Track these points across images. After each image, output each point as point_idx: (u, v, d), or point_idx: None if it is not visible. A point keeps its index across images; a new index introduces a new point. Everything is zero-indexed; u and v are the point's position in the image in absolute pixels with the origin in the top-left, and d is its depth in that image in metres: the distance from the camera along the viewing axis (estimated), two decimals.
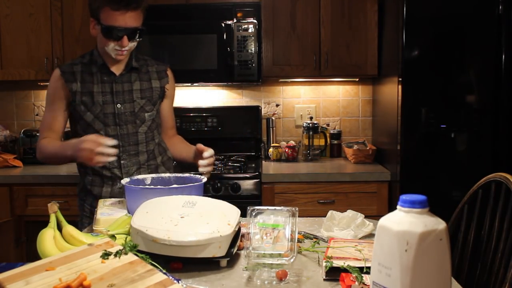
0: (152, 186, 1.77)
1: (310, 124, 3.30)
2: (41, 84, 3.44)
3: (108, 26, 1.93)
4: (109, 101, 2.05)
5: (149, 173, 2.07)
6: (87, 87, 2.05)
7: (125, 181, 1.76)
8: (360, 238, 1.57)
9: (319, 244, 1.53)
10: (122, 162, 2.04)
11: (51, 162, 2.22)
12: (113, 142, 1.80)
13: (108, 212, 1.68)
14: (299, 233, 1.54)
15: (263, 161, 3.26)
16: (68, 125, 2.14)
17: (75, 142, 1.87)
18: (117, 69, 2.08)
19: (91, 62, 2.08)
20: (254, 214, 1.40)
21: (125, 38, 1.95)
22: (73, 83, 2.04)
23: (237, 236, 1.42)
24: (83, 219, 2.11)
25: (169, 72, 2.20)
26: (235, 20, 3.01)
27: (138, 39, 2.01)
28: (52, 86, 2.09)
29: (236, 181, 2.83)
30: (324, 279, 1.27)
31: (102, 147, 1.76)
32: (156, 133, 2.17)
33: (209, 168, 1.96)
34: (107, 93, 2.05)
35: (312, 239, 1.59)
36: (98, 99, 2.04)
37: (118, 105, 2.05)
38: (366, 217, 1.69)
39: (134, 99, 2.08)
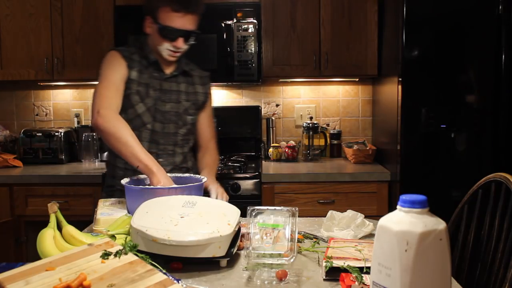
0: (152, 186, 1.77)
1: (310, 124, 3.30)
2: (41, 84, 3.45)
3: (165, 26, 1.94)
4: (159, 97, 2.05)
5: (181, 173, 2.04)
6: (143, 78, 2.03)
7: (125, 181, 1.76)
8: (360, 238, 1.57)
9: (319, 244, 1.53)
10: (159, 160, 1.98)
11: (114, 145, 1.90)
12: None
13: (108, 212, 1.68)
14: (299, 233, 1.54)
15: (263, 161, 3.26)
16: None
17: (159, 172, 1.78)
18: (167, 69, 2.09)
19: (142, 56, 2.06)
20: (254, 214, 1.40)
21: (181, 39, 1.96)
22: (132, 70, 2.02)
23: (237, 236, 1.42)
24: None
25: (209, 81, 2.23)
26: (235, 20, 3.01)
27: (192, 42, 2.02)
28: (114, 65, 1.99)
29: (236, 181, 2.83)
30: (324, 279, 1.27)
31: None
32: (192, 138, 2.17)
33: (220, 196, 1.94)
34: (157, 89, 2.05)
35: (312, 239, 1.59)
36: (151, 93, 2.04)
37: (165, 103, 2.05)
38: (366, 217, 1.69)
39: (180, 100, 2.09)
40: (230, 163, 3.04)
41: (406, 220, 0.90)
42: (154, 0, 1.96)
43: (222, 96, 3.47)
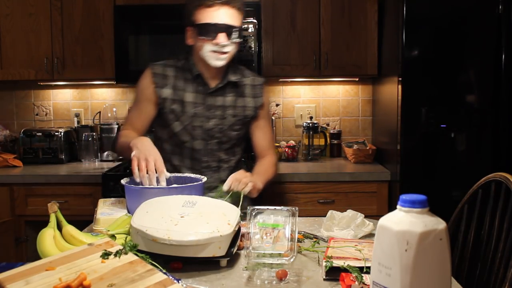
0: (152, 186, 1.77)
1: (310, 124, 3.30)
2: (41, 84, 3.45)
3: (202, 24, 1.85)
4: (200, 113, 1.96)
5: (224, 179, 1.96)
6: (179, 94, 1.95)
7: (124, 180, 1.76)
8: (360, 238, 1.57)
9: (319, 244, 1.53)
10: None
11: (121, 154, 2.02)
12: (163, 178, 1.67)
13: (108, 212, 1.68)
14: (299, 233, 1.54)
15: None
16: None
17: (139, 144, 1.70)
18: (212, 81, 1.97)
19: (186, 69, 1.98)
20: (254, 214, 1.39)
21: (221, 35, 1.84)
22: (164, 88, 1.95)
23: (237, 236, 1.42)
24: None
25: (264, 90, 2.09)
26: None
27: (236, 40, 1.88)
28: (142, 86, 2.00)
29: None
30: (324, 279, 1.27)
31: (152, 175, 1.65)
32: (239, 149, 2.07)
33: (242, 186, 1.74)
34: (199, 104, 1.95)
35: (312, 239, 1.59)
36: (189, 110, 1.95)
37: (208, 120, 1.96)
38: (366, 217, 1.69)
39: (225, 116, 1.98)
40: None
41: (406, 220, 0.90)
42: (188, 4, 1.90)
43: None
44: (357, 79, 3.39)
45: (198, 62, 1.96)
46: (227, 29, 1.85)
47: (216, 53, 1.88)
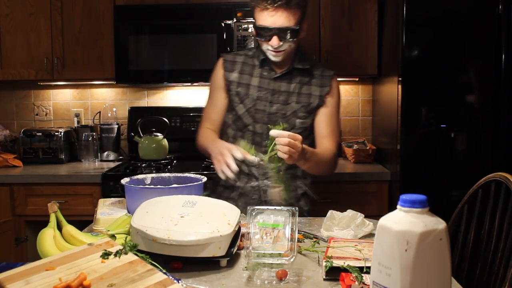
0: (152, 186, 1.78)
1: None
2: (41, 84, 3.45)
3: (257, 26, 1.91)
4: (264, 97, 1.99)
5: (287, 179, 1.97)
6: (245, 78, 2.02)
7: (124, 180, 1.76)
8: (360, 238, 1.57)
9: (319, 244, 1.53)
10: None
11: (202, 152, 2.10)
12: (239, 155, 1.77)
13: (108, 212, 1.68)
14: (299, 233, 1.54)
15: None
16: None
17: (212, 147, 1.90)
18: (278, 67, 2.02)
19: (254, 55, 2.05)
20: (254, 214, 1.39)
21: (275, 38, 1.87)
22: (232, 72, 2.03)
23: (237, 236, 1.42)
24: None
25: (334, 81, 2.06)
26: (235, 20, 3.01)
27: (290, 40, 1.90)
28: (214, 75, 2.09)
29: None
30: (324, 279, 1.27)
31: (228, 158, 1.77)
32: (305, 142, 1.98)
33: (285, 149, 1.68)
34: (263, 89, 2.00)
35: (312, 238, 1.59)
36: (253, 93, 2.00)
37: (272, 104, 1.99)
38: (366, 217, 1.69)
39: (289, 101, 1.99)
40: None
41: (406, 220, 0.90)
42: (250, 1, 1.93)
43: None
44: (357, 79, 3.38)
45: (265, 51, 2.00)
46: (280, 32, 1.88)
47: (273, 52, 1.93)
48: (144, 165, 3.00)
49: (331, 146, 2.01)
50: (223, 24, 3.01)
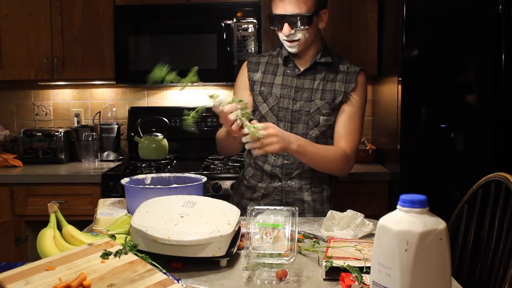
0: (152, 186, 1.78)
1: None
2: (41, 84, 3.45)
3: (269, 14, 1.91)
4: (287, 95, 1.98)
5: (310, 180, 1.97)
6: (268, 78, 2.02)
7: (124, 180, 1.76)
8: (360, 238, 1.57)
9: (319, 244, 1.53)
10: (285, 162, 1.94)
11: (224, 150, 2.07)
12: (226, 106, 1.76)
13: (108, 212, 1.68)
14: (299, 232, 1.54)
15: None
16: None
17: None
18: (302, 64, 2.00)
19: (278, 54, 2.05)
20: (254, 214, 1.40)
21: (286, 25, 1.85)
22: (255, 73, 2.04)
23: (237, 236, 1.42)
24: None
25: (360, 77, 2.00)
26: (235, 20, 3.01)
27: (302, 27, 1.86)
28: (238, 77, 2.11)
29: (235, 181, 2.82)
30: (324, 279, 1.27)
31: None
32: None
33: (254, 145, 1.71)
34: (287, 86, 1.99)
35: (312, 238, 1.59)
36: (276, 91, 1.99)
37: (295, 102, 1.97)
38: (366, 217, 1.69)
39: (313, 98, 1.96)
40: (230, 163, 3.04)
41: (406, 220, 0.90)
42: None
43: (222, 96, 3.46)
44: None
45: (282, 42, 2.00)
46: (290, 19, 1.85)
47: (287, 41, 1.92)
48: (144, 165, 3.00)
49: (342, 145, 1.96)
50: (223, 24, 3.01)
